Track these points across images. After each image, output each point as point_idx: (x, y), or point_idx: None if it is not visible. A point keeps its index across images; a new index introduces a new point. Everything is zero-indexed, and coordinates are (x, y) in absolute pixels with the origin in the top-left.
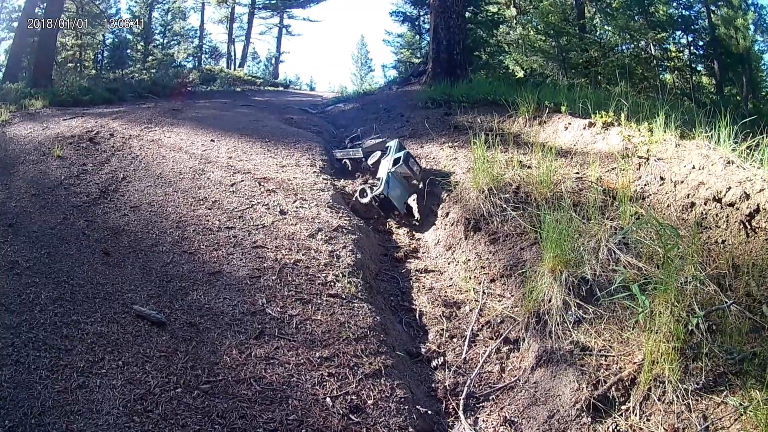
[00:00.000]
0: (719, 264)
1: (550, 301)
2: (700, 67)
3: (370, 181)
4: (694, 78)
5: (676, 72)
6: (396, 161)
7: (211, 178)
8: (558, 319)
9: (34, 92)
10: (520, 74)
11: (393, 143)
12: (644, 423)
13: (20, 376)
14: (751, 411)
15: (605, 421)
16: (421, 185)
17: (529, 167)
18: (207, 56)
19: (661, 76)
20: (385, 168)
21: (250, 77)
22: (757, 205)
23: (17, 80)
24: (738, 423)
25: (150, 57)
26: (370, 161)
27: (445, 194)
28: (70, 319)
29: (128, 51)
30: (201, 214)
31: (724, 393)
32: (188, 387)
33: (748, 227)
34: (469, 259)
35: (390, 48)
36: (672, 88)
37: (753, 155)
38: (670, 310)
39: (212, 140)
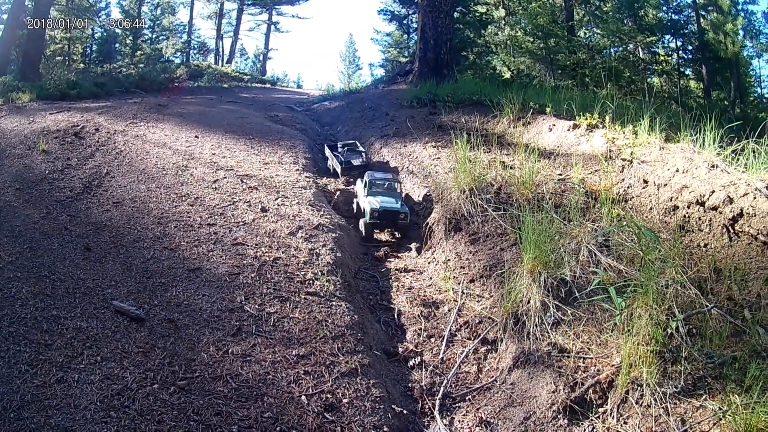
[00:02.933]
0: (701, 267)
1: (528, 302)
2: (688, 72)
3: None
4: (682, 82)
5: (664, 76)
6: (365, 185)
7: (194, 174)
8: (536, 320)
9: (21, 85)
10: (507, 75)
11: (358, 185)
12: (621, 426)
13: (0, 370)
14: (730, 415)
15: (582, 424)
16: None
17: (511, 168)
18: (195, 52)
19: (648, 79)
20: (361, 199)
21: (237, 74)
22: (741, 209)
23: (5, 73)
24: (717, 427)
25: (138, 52)
26: (354, 204)
27: (426, 193)
28: (51, 314)
29: (117, 45)
30: (183, 210)
31: (703, 397)
32: (165, 383)
33: (731, 231)
34: (448, 259)
35: (378, 46)
36: (659, 92)
37: (738, 159)
38: (649, 312)
39: (196, 137)
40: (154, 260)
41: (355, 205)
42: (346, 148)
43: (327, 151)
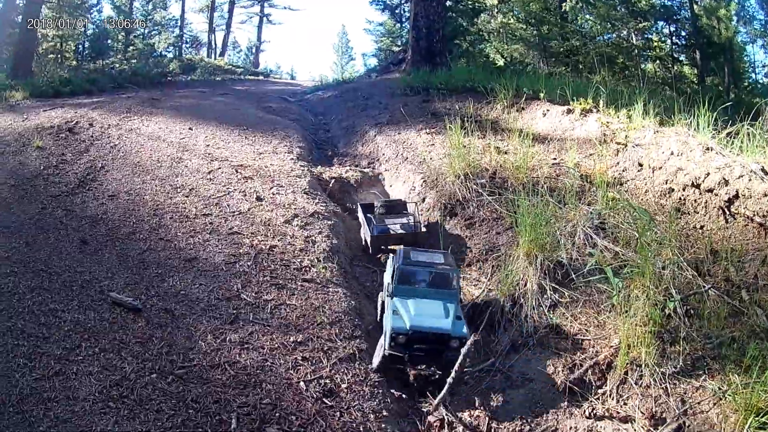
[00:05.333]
0: (697, 249)
1: (525, 285)
2: (682, 57)
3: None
4: (675, 68)
5: (657, 62)
6: (392, 274)
7: (189, 165)
8: (533, 302)
9: (14, 84)
10: (501, 62)
11: (388, 268)
12: (621, 407)
13: None
14: (730, 395)
15: (582, 405)
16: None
17: (506, 153)
18: (188, 46)
19: (642, 65)
20: (386, 300)
21: (230, 66)
22: (736, 191)
23: None
24: (717, 407)
25: (131, 47)
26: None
27: (421, 180)
28: (48, 308)
29: (109, 41)
30: (178, 201)
31: (703, 377)
32: (163, 373)
33: (727, 213)
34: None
35: (371, 37)
36: (653, 78)
37: (733, 142)
38: (647, 293)
39: (190, 129)
40: (150, 251)
41: (379, 304)
42: (383, 208)
43: (360, 215)
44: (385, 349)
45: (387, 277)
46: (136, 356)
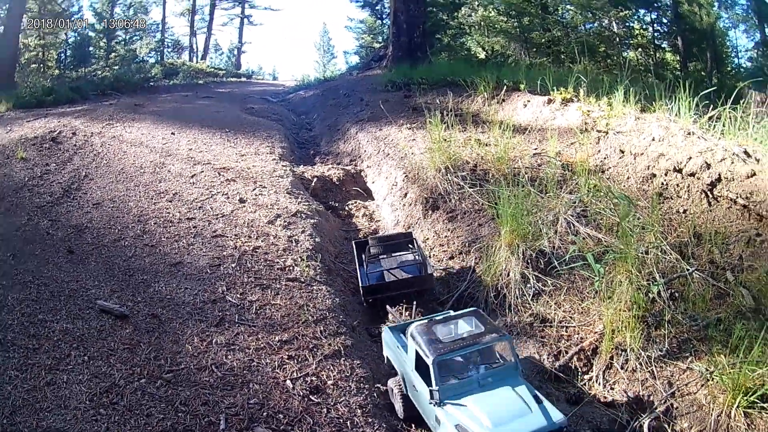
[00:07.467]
0: (681, 233)
1: (508, 275)
2: (664, 44)
3: None
4: (657, 55)
5: (639, 49)
6: (415, 363)
7: (172, 170)
8: (517, 292)
9: None
10: (482, 55)
11: (385, 339)
12: (608, 391)
13: None
14: (717, 376)
15: (569, 391)
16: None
17: (487, 145)
18: (169, 50)
19: (624, 53)
20: (423, 404)
21: (212, 69)
22: (719, 174)
23: None
24: (705, 388)
25: (113, 54)
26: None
27: (403, 175)
28: (37, 319)
29: (91, 49)
30: (162, 206)
31: (689, 359)
32: (152, 377)
33: (710, 196)
34: (427, 238)
35: (352, 34)
36: (636, 65)
37: (714, 126)
38: (630, 278)
39: (172, 133)
40: (136, 258)
41: (397, 396)
42: (381, 246)
43: (355, 256)
44: None
45: (397, 359)
46: (124, 362)
